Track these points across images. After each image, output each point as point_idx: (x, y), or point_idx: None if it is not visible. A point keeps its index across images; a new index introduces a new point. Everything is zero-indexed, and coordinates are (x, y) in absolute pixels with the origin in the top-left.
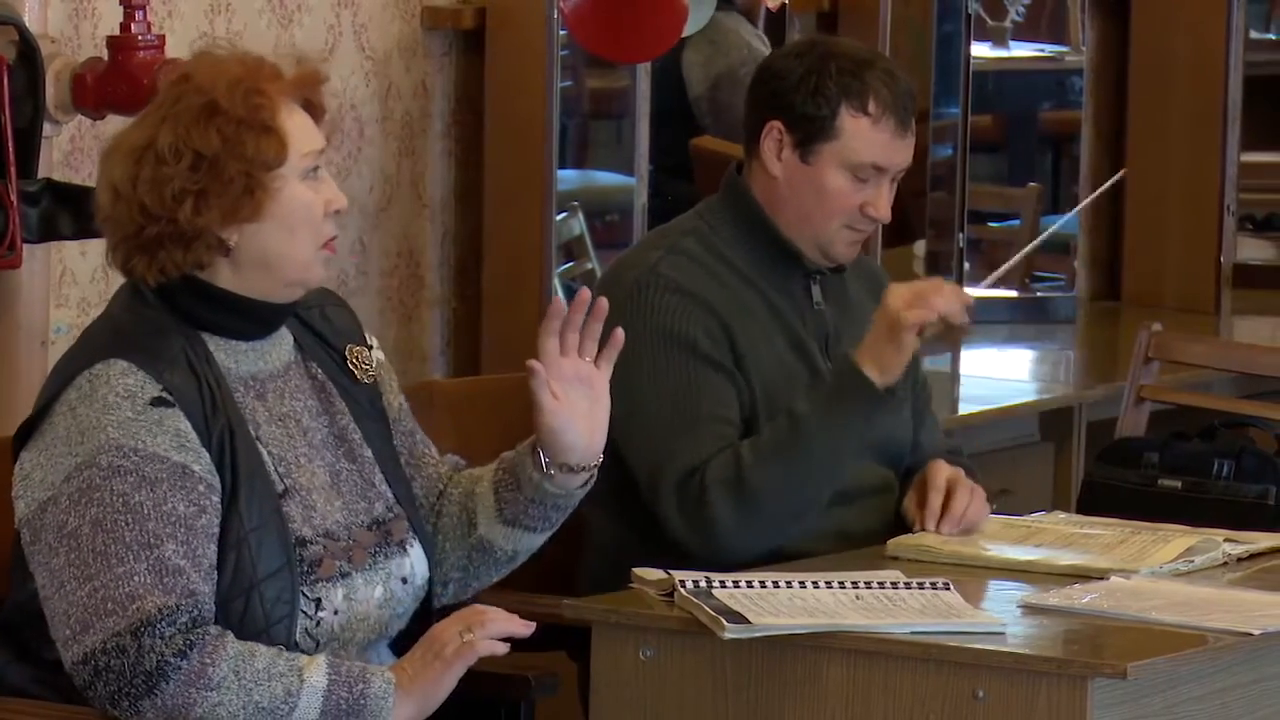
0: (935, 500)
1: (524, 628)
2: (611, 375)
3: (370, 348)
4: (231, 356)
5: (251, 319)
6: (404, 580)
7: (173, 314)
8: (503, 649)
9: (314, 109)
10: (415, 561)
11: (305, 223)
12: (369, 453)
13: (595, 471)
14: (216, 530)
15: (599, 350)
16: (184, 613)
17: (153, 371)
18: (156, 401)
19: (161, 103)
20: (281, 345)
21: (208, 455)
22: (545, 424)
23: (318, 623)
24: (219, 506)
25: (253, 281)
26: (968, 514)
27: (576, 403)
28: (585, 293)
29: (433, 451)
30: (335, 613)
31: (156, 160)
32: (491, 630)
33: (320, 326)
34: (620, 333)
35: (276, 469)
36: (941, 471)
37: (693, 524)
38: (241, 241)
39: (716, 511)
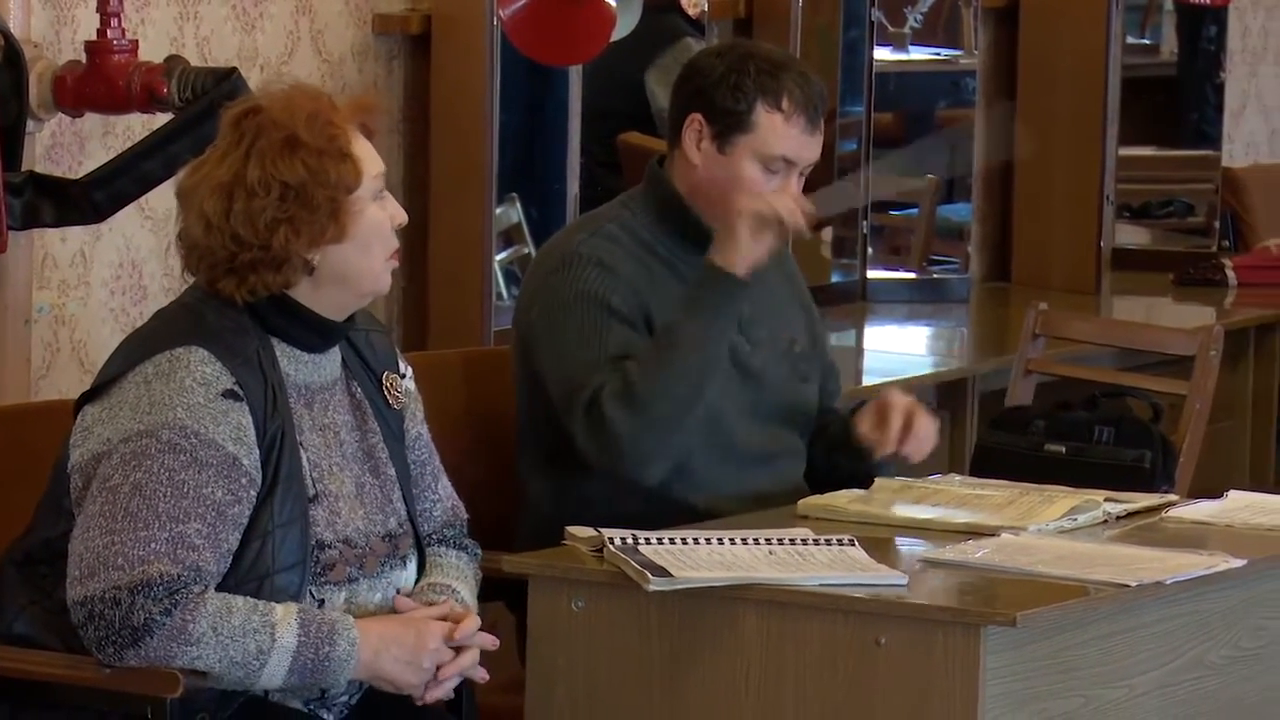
0: (897, 421)
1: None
2: (536, 342)
3: (404, 376)
4: (293, 364)
5: (319, 333)
6: (398, 591)
7: (253, 318)
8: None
9: (370, 133)
10: (410, 576)
11: (378, 239)
12: (392, 471)
13: None
14: (245, 521)
15: None
16: (182, 582)
17: (229, 365)
18: (227, 394)
19: (240, 138)
20: (333, 361)
21: (258, 452)
22: None
23: None
24: (254, 499)
25: (330, 295)
26: (919, 445)
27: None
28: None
29: (439, 491)
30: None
31: (247, 194)
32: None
33: (364, 350)
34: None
35: (311, 474)
36: (900, 399)
37: (597, 440)
38: (323, 260)
39: (612, 421)
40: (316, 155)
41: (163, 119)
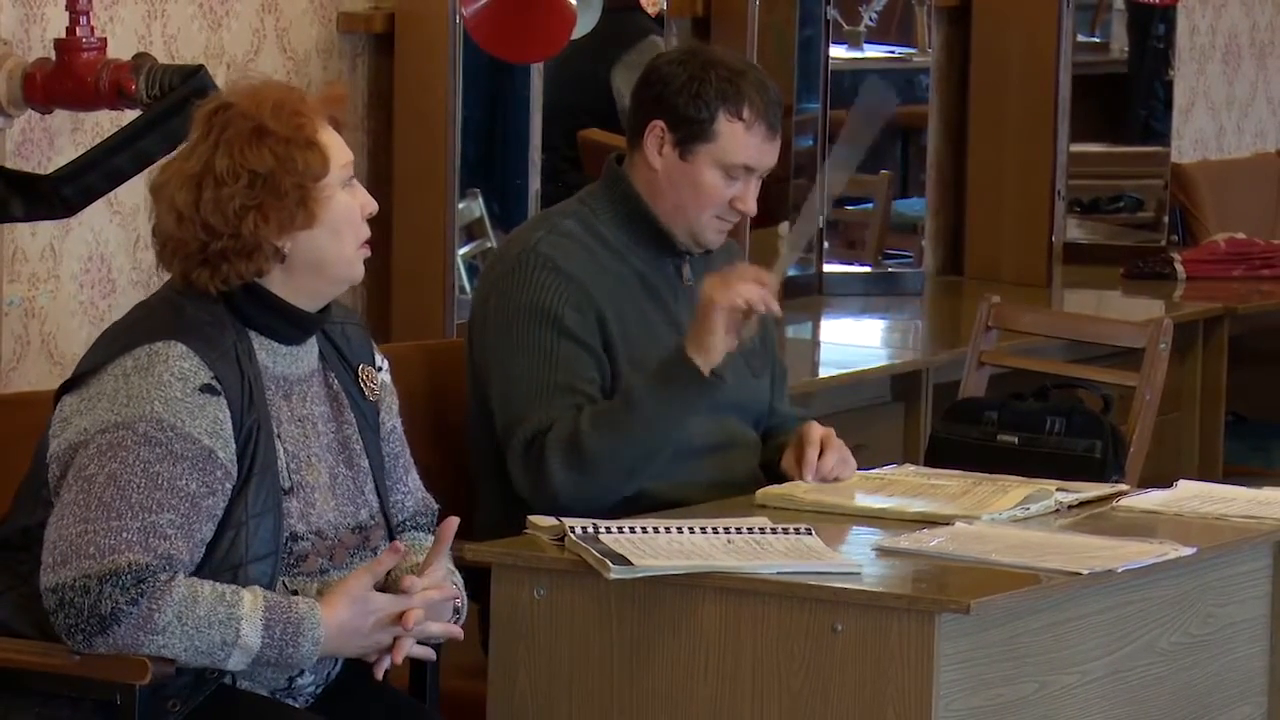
0: (811, 454)
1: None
2: (485, 340)
3: (379, 369)
4: (270, 356)
5: (295, 324)
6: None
7: (229, 311)
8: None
9: (338, 124)
10: None
11: (348, 225)
12: (365, 463)
13: None
14: (220, 513)
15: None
16: (151, 570)
17: (207, 360)
18: (205, 388)
19: (209, 131)
20: (310, 353)
21: (234, 445)
22: None
23: None
24: (229, 491)
25: (303, 283)
26: (836, 469)
27: None
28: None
29: (409, 483)
30: None
31: (216, 183)
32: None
33: (340, 342)
34: (452, 523)
35: (288, 465)
36: (816, 430)
37: (532, 480)
38: (294, 248)
39: (551, 469)
40: (284, 143)
41: (131, 115)
